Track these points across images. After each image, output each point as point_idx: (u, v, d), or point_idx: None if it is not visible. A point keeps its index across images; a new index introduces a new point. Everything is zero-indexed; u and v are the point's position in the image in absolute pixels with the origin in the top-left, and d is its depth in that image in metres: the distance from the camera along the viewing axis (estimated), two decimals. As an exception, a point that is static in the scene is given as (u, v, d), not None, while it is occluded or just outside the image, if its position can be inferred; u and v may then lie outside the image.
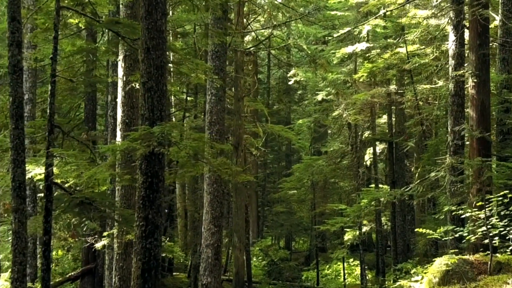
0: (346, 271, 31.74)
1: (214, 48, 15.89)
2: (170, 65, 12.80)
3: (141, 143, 8.42)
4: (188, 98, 26.71)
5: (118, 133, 12.54)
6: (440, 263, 10.36)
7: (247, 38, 26.15)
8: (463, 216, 11.97)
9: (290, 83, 36.45)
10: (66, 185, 11.35)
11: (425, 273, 11.27)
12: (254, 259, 35.20)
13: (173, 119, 28.92)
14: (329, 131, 35.97)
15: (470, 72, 14.48)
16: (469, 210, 11.19)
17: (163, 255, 12.86)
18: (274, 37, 29.97)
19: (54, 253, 28.69)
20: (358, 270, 29.82)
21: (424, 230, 11.90)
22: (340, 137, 30.63)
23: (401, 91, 23.64)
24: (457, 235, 12.17)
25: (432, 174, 14.56)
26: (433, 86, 19.70)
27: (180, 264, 30.13)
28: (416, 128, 20.58)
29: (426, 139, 21.98)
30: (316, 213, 29.21)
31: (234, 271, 22.82)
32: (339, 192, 33.33)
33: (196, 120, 23.47)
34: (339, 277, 29.41)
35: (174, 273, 28.91)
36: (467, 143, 15.42)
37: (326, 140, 33.67)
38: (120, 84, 12.77)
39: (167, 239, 27.67)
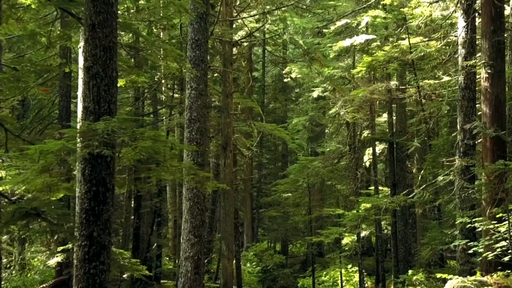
0: (344, 278, 30.05)
1: (194, 36, 14.11)
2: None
3: (82, 143, 6.67)
4: (175, 95, 25.03)
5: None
6: (452, 286, 8.63)
7: (241, 33, 24.42)
8: (477, 228, 10.20)
9: (285, 80, 34.83)
10: (17, 191, 9.67)
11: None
12: (248, 265, 33.52)
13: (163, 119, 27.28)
14: (327, 131, 34.27)
15: (482, 61, 12.72)
16: (486, 223, 9.44)
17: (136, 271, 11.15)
18: (269, 32, 28.22)
19: (35, 260, 27.07)
20: (356, 277, 28.10)
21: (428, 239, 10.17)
22: (337, 137, 28.88)
23: (402, 87, 21.96)
24: (470, 251, 10.44)
25: (440, 178, 12.83)
26: (439, 80, 17.94)
27: (169, 271, 28.48)
28: (420, 126, 18.79)
29: (430, 138, 20.22)
30: (312, 217, 27.42)
31: (222, 282, 21.06)
32: (337, 195, 31.57)
33: (181, 117, 21.73)
34: (336, 285, 27.64)
35: (162, 281, 27.21)
36: (479, 142, 13.62)
37: (323, 140, 31.87)
38: (80, 74, 11.01)
39: (154, 245, 26.19)
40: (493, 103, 12.59)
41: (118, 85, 10.64)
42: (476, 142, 13.58)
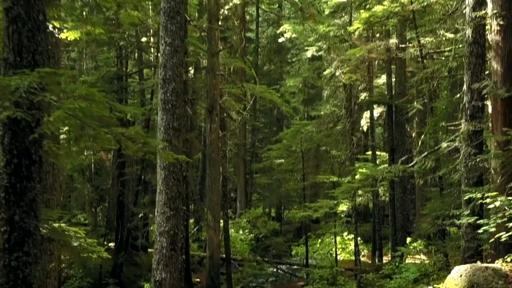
0: (340, 246, 28.87)
1: (168, -16, 12.49)
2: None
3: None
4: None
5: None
6: (460, 274, 7.26)
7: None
8: (488, 205, 8.77)
9: (281, 41, 33.10)
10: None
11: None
12: (241, 232, 32.32)
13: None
14: (324, 94, 32.72)
15: (493, 12, 11.15)
16: (505, 200, 8.02)
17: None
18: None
19: None
20: (353, 245, 26.87)
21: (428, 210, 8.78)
22: (334, 100, 27.34)
23: (402, 46, 20.39)
24: (480, 230, 9.05)
25: (444, 144, 11.39)
26: (442, 37, 16.34)
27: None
28: (421, 87, 17.24)
29: (432, 100, 18.71)
30: (306, 185, 26.01)
31: (208, 254, 19.82)
32: (331, 162, 30.14)
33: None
34: (332, 252, 26.43)
35: (149, 250, 26.01)
36: (489, 104, 12.12)
37: (319, 103, 30.31)
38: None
39: (141, 215, 24.85)
40: (505, 60, 11.11)
41: (72, 38, 9.11)
42: (485, 104, 12.09)
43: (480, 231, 8.92)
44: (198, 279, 23.26)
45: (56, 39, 9.72)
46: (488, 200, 8.38)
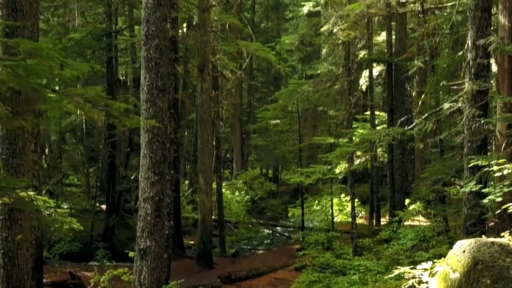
0: (337, 207, 28.35)
1: None
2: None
3: None
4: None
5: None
6: (463, 250, 6.57)
7: None
8: (494, 173, 8.02)
9: (278, -5, 32.06)
10: None
11: (436, 258, 7.53)
12: (237, 194, 31.78)
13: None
14: (323, 52, 31.75)
15: (502, -40, 10.26)
16: (509, 167, 7.28)
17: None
18: None
19: None
20: (350, 207, 26.33)
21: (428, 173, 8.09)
22: (332, 58, 26.39)
23: (403, 1, 19.46)
24: (485, 200, 8.34)
25: (446, 105, 10.59)
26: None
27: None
28: (422, 43, 16.32)
29: (434, 58, 17.82)
30: (302, 146, 25.25)
31: (200, 217, 19.22)
32: (328, 123, 29.34)
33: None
34: (329, 214, 25.89)
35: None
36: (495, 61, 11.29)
37: (316, 62, 29.36)
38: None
39: (133, 177, 24.17)
40: (514, 13, 10.24)
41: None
42: (491, 61, 11.25)
43: (486, 200, 8.22)
44: (192, 242, 22.78)
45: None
46: (495, 168, 7.66)
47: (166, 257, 14.46)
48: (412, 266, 7.66)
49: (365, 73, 25.65)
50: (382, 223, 23.93)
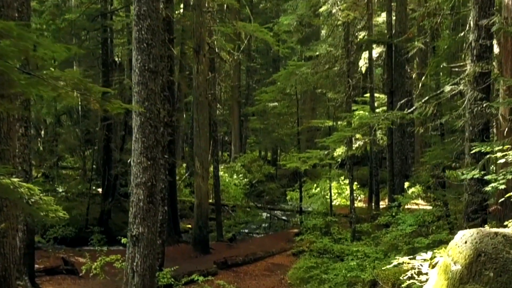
0: (336, 191, 28.10)
1: None
2: None
3: None
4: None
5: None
6: (465, 241, 6.25)
7: None
8: (498, 160, 7.69)
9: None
10: None
11: (437, 249, 7.23)
12: (235, 177, 31.48)
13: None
14: (322, 33, 31.26)
15: None
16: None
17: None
18: None
19: None
20: (349, 190, 26.07)
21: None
22: (331, 39, 25.92)
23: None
24: (487, 188, 8.02)
25: (447, 87, 10.20)
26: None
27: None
28: (423, 23, 15.86)
29: (434, 39, 17.39)
30: (300, 129, 24.88)
31: (196, 202, 18.93)
32: (327, 105, 28.93)
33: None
34: (327, 198, 25.63)
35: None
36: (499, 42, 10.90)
37: (315, 43, 28.88)
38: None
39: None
40: (518, -8, 9.83)
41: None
42: (494, 42, 10.86)
43: (488, 188, 7.89)
44: (189, 225, 22.53)
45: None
46: (498, 155, 7.32)
47: (160, 243, 14.21)
48: (412, 256, 7.35)
49: (365, 54, 25.22)
50: (381, 206, 23.65)
